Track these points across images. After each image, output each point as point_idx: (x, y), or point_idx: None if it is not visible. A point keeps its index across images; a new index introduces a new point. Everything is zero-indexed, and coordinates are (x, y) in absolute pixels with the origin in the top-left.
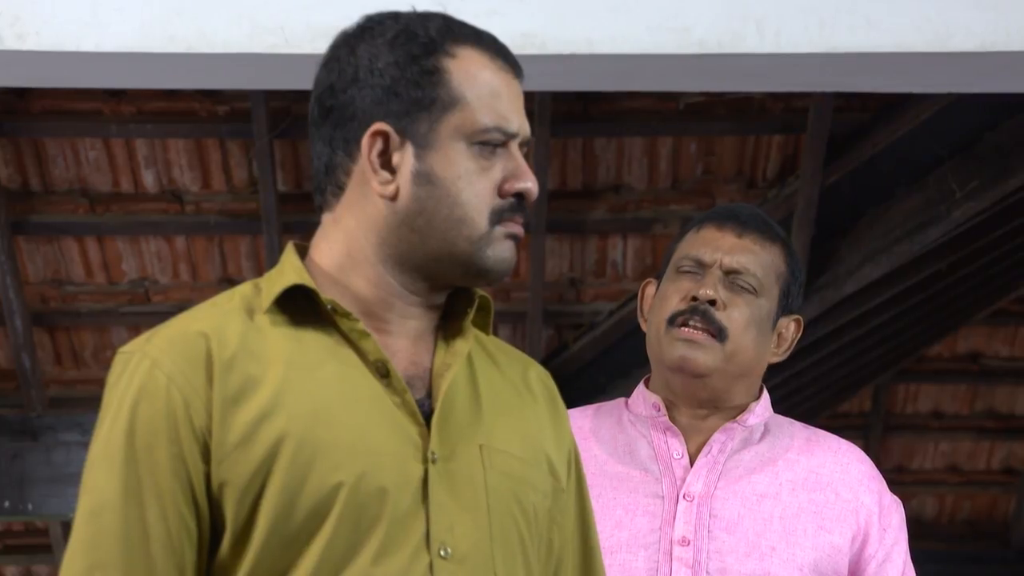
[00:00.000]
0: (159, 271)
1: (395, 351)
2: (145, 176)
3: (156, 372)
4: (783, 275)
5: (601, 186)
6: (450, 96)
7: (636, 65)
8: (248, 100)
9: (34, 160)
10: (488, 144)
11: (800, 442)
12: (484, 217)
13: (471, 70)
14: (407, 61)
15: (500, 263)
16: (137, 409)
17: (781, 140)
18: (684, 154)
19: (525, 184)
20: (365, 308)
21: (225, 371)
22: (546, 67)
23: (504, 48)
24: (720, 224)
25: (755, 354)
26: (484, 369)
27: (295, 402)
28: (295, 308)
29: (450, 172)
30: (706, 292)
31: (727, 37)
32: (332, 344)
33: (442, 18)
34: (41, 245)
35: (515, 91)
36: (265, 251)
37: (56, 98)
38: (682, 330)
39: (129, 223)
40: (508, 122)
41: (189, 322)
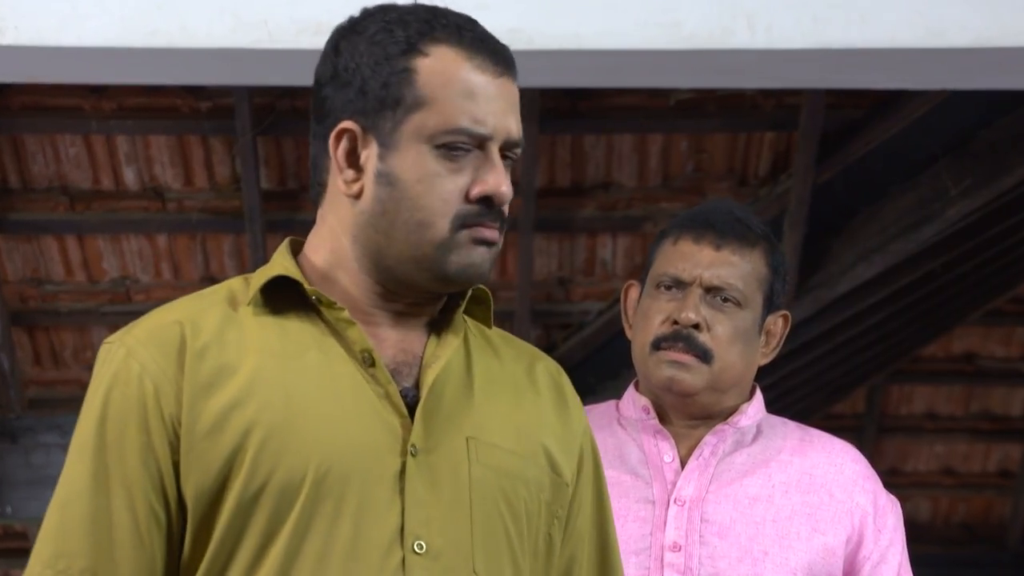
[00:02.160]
0: (140, 270)
1: (383, 340)
2: (126, 173)
3: (130, 361)
4: (765, 278)
5: (590, 184)
6: (415, 96)
7: (625, 61)
8: (231, 96)
9: (13, 157)
10: (454, 147)
11: (793, 443)
12: (447, 221)
13: (442, 69)
14: (381, 60)
15: (465, 269)
16: (109, 398)
17: (773, 137)
18: (674, 151)
19: (491, 188)
20: (352, 303)
21: (197, 359)
22: (534, 63)
23: (491, 45)
24: (697, 236)
25: (743, 366)
26: (483, 361)
27: (267, 391)
28: (282, 300)
29: (411, 174)
30: (687, 316)
31: (718, 32)
32: (317, 334)
33: (429, 12)
34: (20, 243)
35: (495, 91)
36: (248, 249)
37: (35, 94)
38: (668, 352)
39: (110, 221)
40: (478, 124)
41: (168, 312)
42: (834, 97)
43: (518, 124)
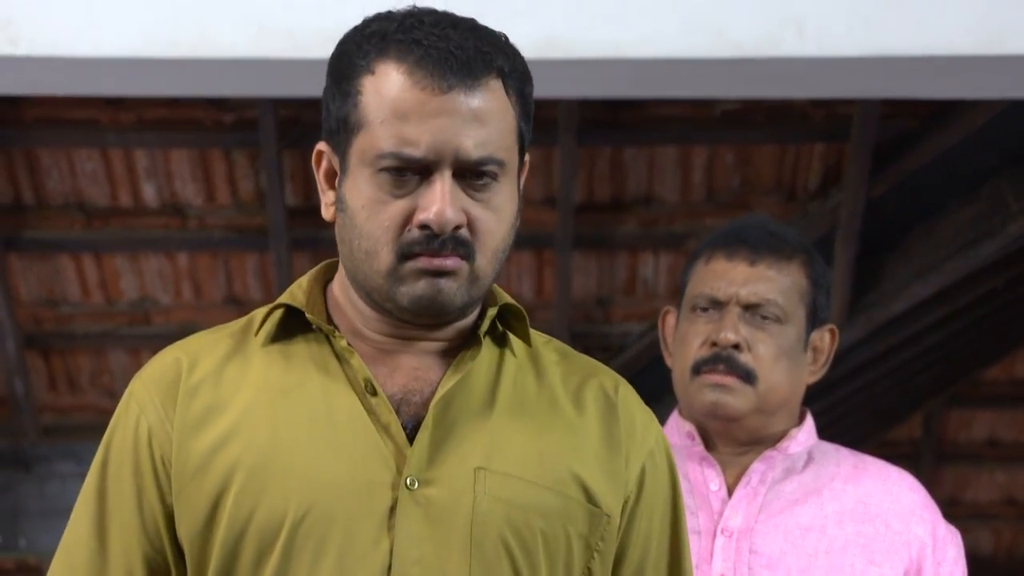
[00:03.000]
0: (160, 290)
1: (396, 368)
2: (145, 189)
3: (131, 402)
4: (806, 292)
5: (631, 198)
6: (358, 118)
7: (668, 70)
8: (255, 108)
9: (27, 172)
10: (391, 171)
11: (847, 470)
12: (390, 250)
13: (377, 89)
14: (336, 78)
15: (416, 302)
16: (112, 441)
17: (823, 149)
18: (719, 164)
19: (427, 215)
20: (363, 330)
21: (189, 397)
22: (572, 72)
23: (441, 58)
24: (730, 253)
25: (790, 385)
26: (517, 382)
27: (253, 430)
28: (296, 328)
29: (356, 200)
30: (726, 336)
31: (765, 39)
32: (324, 364)
33: (400, 25)
34: (35, 262)
35: (436, 108)
36: (273, 268)
37: (51, 107)
38: (710, 376)
39: (128, 239)
40: (408, 146)
41: (176, 347)
42: (888, 107)
43: (481, 140)
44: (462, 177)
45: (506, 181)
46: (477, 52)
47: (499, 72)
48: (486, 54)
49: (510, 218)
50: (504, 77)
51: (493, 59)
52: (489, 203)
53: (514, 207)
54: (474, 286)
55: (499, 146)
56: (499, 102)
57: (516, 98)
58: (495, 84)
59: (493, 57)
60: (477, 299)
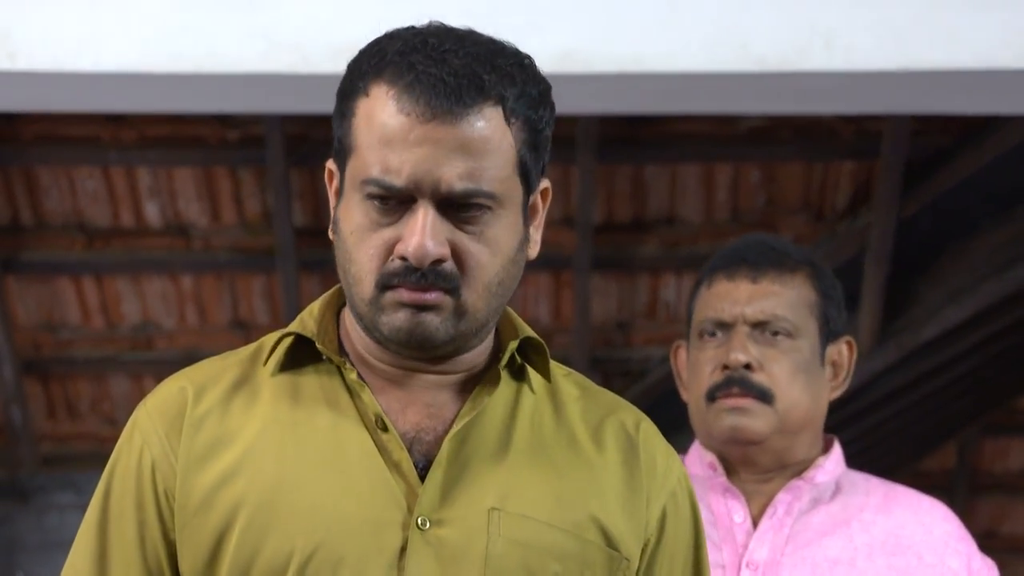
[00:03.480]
0: (164, 314)
1: (409, 403)
2: (148, 209)
3: (135, 433)
4: (815, 304)
5: (652, 218)
6: (351, 141)
7: (691, 84)
8: (262, 125)
9: (26, 191)
10: (376, 199)
11: (877, 500)
12: (372, 279)
13: (368, 112)
14: (339, 96)
15: (395, 333)
16: (114, 473)
17: (852, 167)
18: (744, 182)
19: (404, 247)
20: (373, 356)
21: (194, 429)
22: (591, 87)
23: (430, 85)
24: (730, 273)
25: (810, 402)
26: (535, 419)
27: (260, 464)
28: (306, 356)
29: (347, 225)
30: (736, 357)
31: (791, 53)
32: (335, 396)
33: (391, 43)
34: (33, 285)
35: (419, 136)
36: (281, 291)
37: (50, 123)
38: (725, 400)
39: (130, 261)
40: (390, 174)
41: (181, 376)
42: (920, 123)
43: (467, 171)
44: (450, 207)
45: (504, 213)
46: (473, 78)
47: (498, 99)
48: (483, 80)
49: (507, 251)
50: (504, 104)
51: (492, 85)
52: (481, 235)
53: (514, 239)
54: (462, 321)
55: (491, 178)
56: (495, 131)
57: (521, 126)
58: (491, 112)
59: (493, 84)
60: (471, 333)
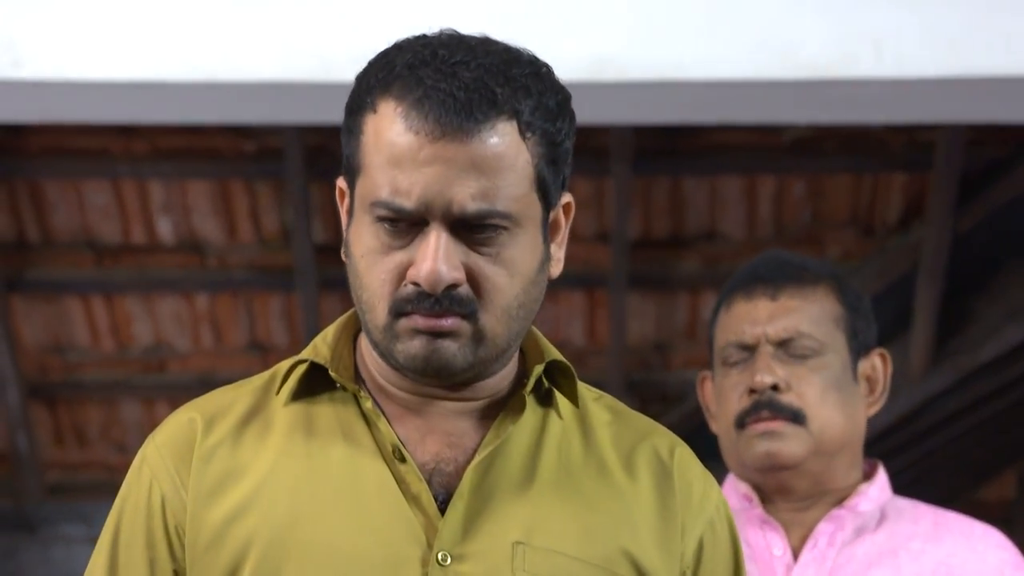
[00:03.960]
0: (177, 335)
1: (428, 432)
2: (160, 224)
3: (144, 467)
4: (841, 317)
5: (692, 234)
6: (359, 160)
7: (732, 93)
8: (280, 136)
9: (31, 206)
10: (386, 221)
11: (926, 528)
12: (384, 305)
13: (379, 129)
14: (347, 111)
15: (411, 361)
16: (123, 509)
17: (904, 179)
18: (789, 196)
19: (416, 272)
20: (391, 383)
21: (204, 462)
22: (626, 96)
23: (439, 101)
24: (747, 293)
25: (846, 421)
26: (562, 447)
27: (272, 499)
28: (320, 385)
29: (357, 248)
30: (762, 379)
31: (839, 59)
32: (350, 425)
33: (399, 56)
34: (39, 305)
35: (429, 156)
36: (300, 311)
37: (57, 135)
38: (755, 426)
39: (142, 279)
40: (399, 196)
41: (192, 406)
42: (975, 133)
43: (480, 191)
44: (464, 229)
45: (521, 232)
46: (485, 92)
47: (512, 113)
48: (495, 94)
49: (526, 272)
50: (519, 118)
51: (506, 99)
52: (498, 257)
53: (533, 259)
54: (481, 347)
55: (506, 197)
56: (509, 147)
57: (538, 140)
58: (505, 127)
59: (506, 97)
60: (491, 359)
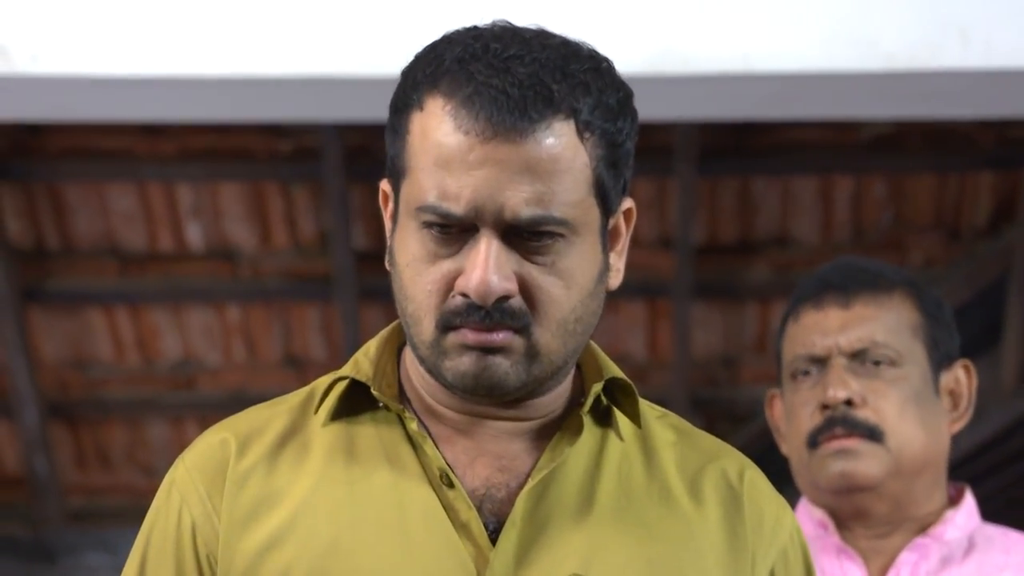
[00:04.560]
0: (207, 349)
1: (479, 454)
2: (189, 230)
3: (173, 492)
4: (919, 326)
5: (762, 238)
6: (404, 161)
7: (805, 85)
8: (317, 135)
9: (51, 211)
10: (433, 227)
11: (1019, 559)
12: (432, 319)
13: (426, 129)
14: (392, 110)
15: (461, 379)
16: (150, 536)
17: (992, 178)
18: (867, 197)
19: (465, 283)
20: (438, 401)
21: (238, 487)
22: (691, 91)
23: (491, 99)
24: (817, 302)
25: (927, 438)
26: (623, 471)
27: (312, 527)
28: (361, 404)
29: (402, 256)
30: (835, 394)
31: (923, 49)
32: (394, 448)
33: (449, 49)
34: (60, 317)
35: (479, 158)
36: (340, 323)
37: (78, 134)
38: (829, 444)
39: (170, 289)
40: (447, 200)
41: (224, 426)
42: None
43: (535, 196)
44: (517, 236)
45: (578, 240)
46: (540, 89)
47: (570, 112)
48: (551, 91)
49: (585, 283)
50: (577, 117)
51: (563, 97)
52: (553, 267)
53: (591, 269)
54: (535, 363)
55: (562, 202)
56: (566, 149)
57: (597, 141)
58: (562, 127)
59: (563, 94)
60: (545, 376)
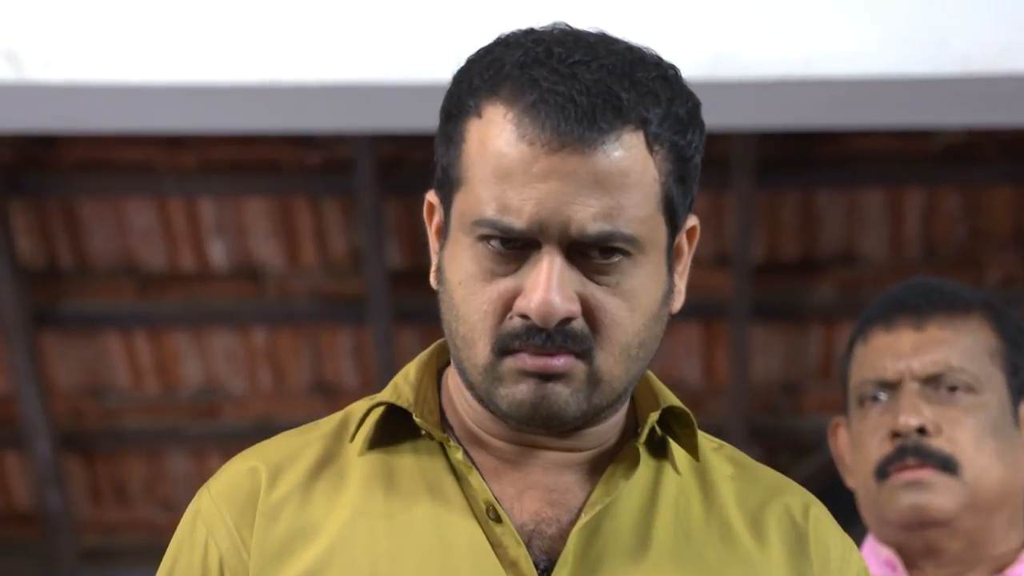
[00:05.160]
0: (232, 375)
1: (527, 487)
2: (212, 248)
3: (198, 523)
4: (998, 351)
5: (826, 255)
6: (459, 172)
7: (873, 91)
8: (349, 146)
9: (65, 228)
10: (491, 242)
11: None
12: (487, 342)
13: (485, 138)
14: (445, 117)
15: (517, 409)
16: (173, 571)
17: None
18: (940, 211)
19: (526, 303)
20: (484, 429)
21: (269, 519)
22: (748, 97)
23: (558, 107)
24: (888, 323)
25: (1006, 471)
26: (680, 507)
27: (350, 562)
28: (401, 431)
29: (454, 273)
30: (907, 422)
31: (999, 52)
32: (436, 478)
33: (509, 53)
34: (74, 342)
35: (544, 169)
36: (373, 347)
37: (93, 146)
38: (899, 476)
39: (191, 311)
40: (508, 214)
41: (251, 454)
42: None
43: (604, 211)
44: (581, 254)
45: (644, 260)
46: (610, 98)
47: (640, 122)
48: (621, 100)
49: (649, 305)
50: (647, 129)
51: (633, 106)
52: (618, 287)
53: (656, 291)
54: (596, 391)
55: (630, 218)
56: (635, 162)
57: (666, 154)
58: (632, 139)
59: (633, 104)
60: (605, 405)
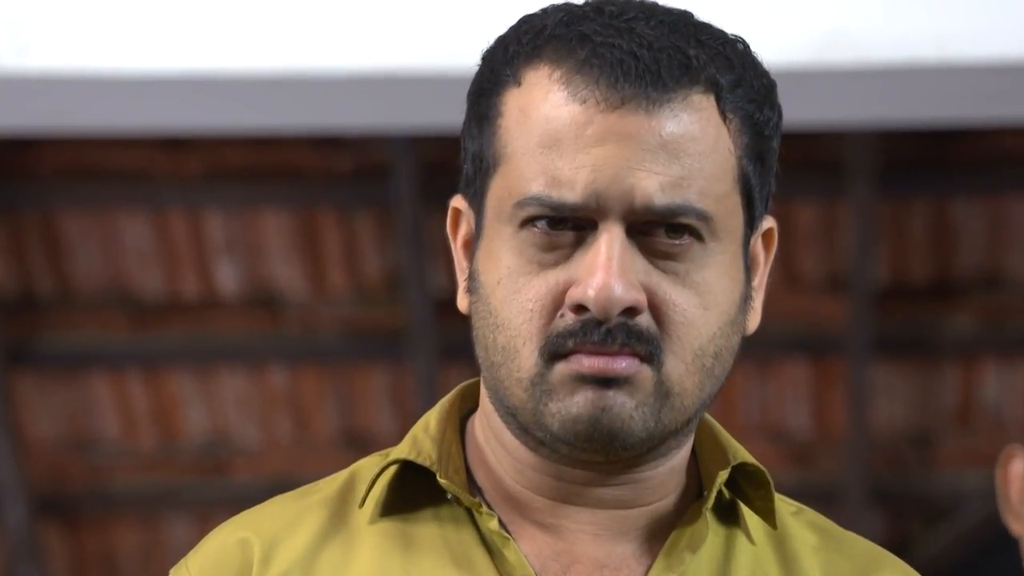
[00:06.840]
0: (243, 424)
1: (573, 559)
2: (220, 271)
3: None
4: None
5: (964, 278)
6: (496, 151)
7: (1020, 80)
8: (384, 150)
9: (44, 247)
10: (537, 225)
11: None
12: (534, 345)
13: (526, 106)
14: (475, 97)
15: (571, 426)
16: None
17: None
18: None
19: (581, 290)
20: (521, 482)
21: None
22: (867, 86)
23: (616, 61)
24: None
25: None
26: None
27: None
28: (419, 492)
29: (491, 274)
30: None
31: None
32: (463, 552)
33: (548, 16)
34: (54, 384)
35: (600, 130)
36: (414, 388)
37: (79, 149)
38: None
39: (195, 347)
40: (558, 187)
41: (239, 524)
42: None
43: (673, 179)
44: (644, 235)
45: (719, 247)
46: (675, 53)
47: (711, 84)
48: (689, 58)
49: (726, 305)
50: (720, 93)
51: (702, 65)
52: (687, 277)
53: (734, 289)
54: (666, 407)
55: (704, 192)
56: (707, 128)
57: (741, 126)
58: (703, 102)
59: (703, 63)
60: (674, 428)
